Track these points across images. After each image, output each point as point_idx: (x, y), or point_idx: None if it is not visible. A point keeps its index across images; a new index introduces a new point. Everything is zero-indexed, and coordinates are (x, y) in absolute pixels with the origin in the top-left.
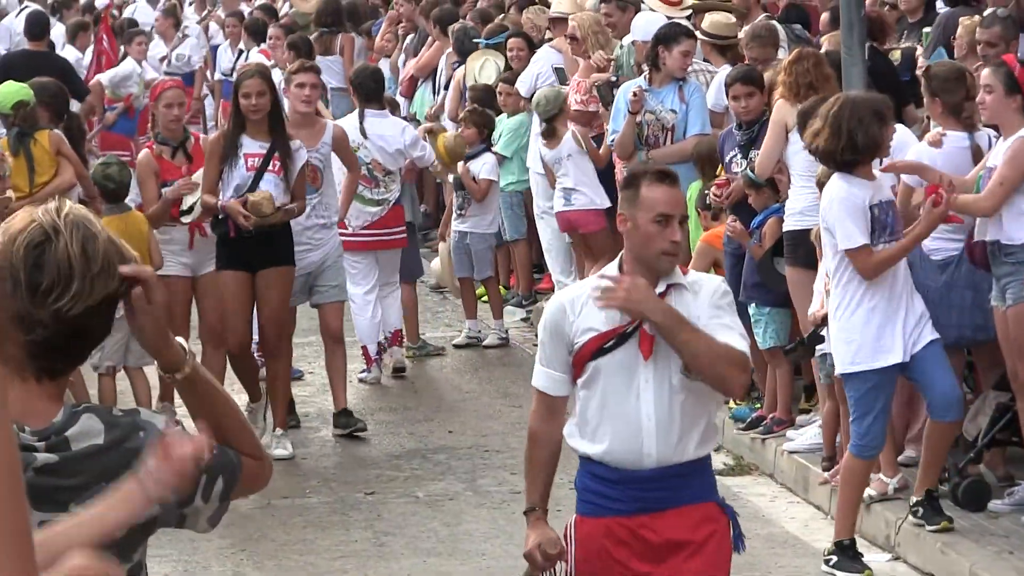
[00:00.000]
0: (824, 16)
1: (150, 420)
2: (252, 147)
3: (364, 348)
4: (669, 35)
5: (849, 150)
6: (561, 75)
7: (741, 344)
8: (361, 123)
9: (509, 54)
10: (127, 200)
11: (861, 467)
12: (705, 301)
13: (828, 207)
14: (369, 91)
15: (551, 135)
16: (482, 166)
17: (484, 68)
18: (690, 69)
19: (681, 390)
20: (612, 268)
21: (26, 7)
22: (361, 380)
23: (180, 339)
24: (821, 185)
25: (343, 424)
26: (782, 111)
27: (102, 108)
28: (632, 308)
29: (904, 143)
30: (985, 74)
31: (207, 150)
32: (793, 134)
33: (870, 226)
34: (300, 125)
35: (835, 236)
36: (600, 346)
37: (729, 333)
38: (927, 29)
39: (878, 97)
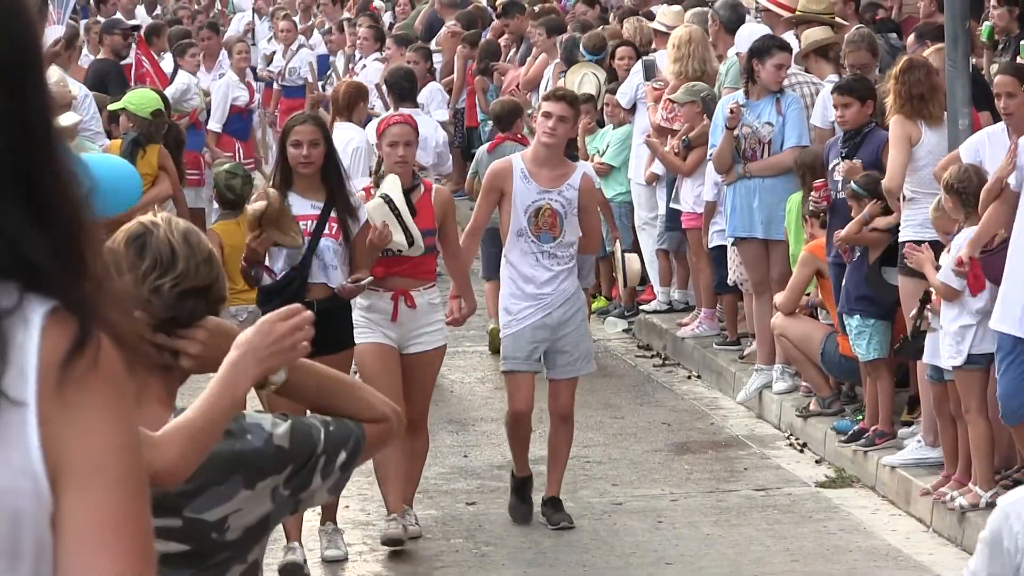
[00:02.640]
0: (910, 38)
1: (257, 423)
2: (303, 207)
3: None
4: (763, 48)
5: None
6: (650, 70)
7: None
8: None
9: (620, 63)
10: None
11: None
12: None
13: None
14: (403, 91)
15: None
16: None
17: (583, 82)
18: (790, 82)
19: None
20: None
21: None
22: None
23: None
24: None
25: (554, 520)
26: (903, 127)
27: None
28: None
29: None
30: None
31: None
32: (917, 148)
33: None
34: (542, 163)
35: None
36: None
37: None
38: None
39: None
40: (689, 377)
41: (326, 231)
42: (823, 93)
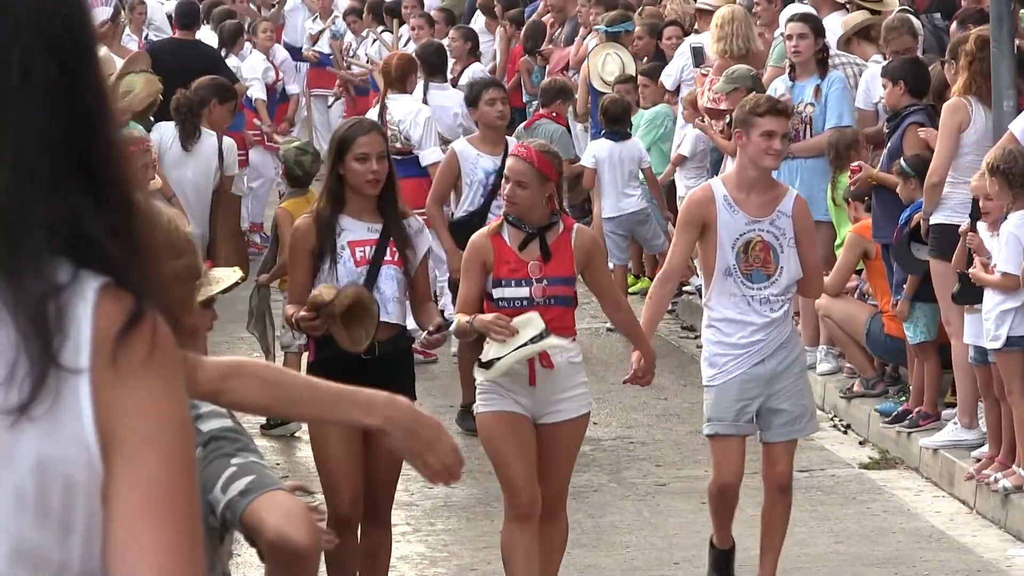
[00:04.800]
0: (953, 25)
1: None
2: (358, 232)
3: None
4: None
5: None
6: (699, 55)
7: None
8: (425, 94)
9: (667, 42)
10: None
11: None
12: None
13: None
14: (434, 65)
15: None
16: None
17: (606, 63)
18: (834, 63)
19: None
20: None
21: None
22: None
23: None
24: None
25: None
26: (955, 116)
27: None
28: None
29: None
30: None
31: (290, 240)
32: (963, 136)
33: None
34: (750, 187)
35: None
36: None
37: None
38: None
39: None
40: None
41: (387, 257)
42: (867, 74)
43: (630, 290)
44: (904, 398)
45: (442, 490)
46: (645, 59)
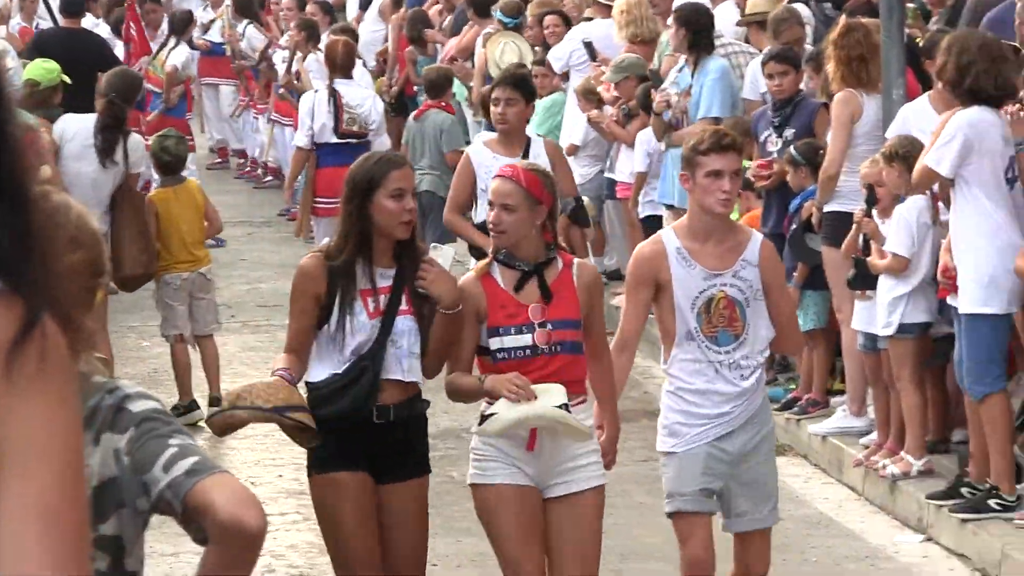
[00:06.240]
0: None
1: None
2: (372, 279)
3: None
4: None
5: None
6: (591, 49)
7: None
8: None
9: (545, 31)
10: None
11: None
12: None
13: None
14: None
15: None
16: None
17: (504, 52)
18: (726, 51)
19: None
20: None
21: None
22: None
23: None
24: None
25: None
26: (847, 107)
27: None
28: None
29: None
30: None
31: (294, 281)
32: (857, 127)
33: None
34: (707, 236)
35: None
36: None
37: None
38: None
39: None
40: None
41: (403, 307)
42: (753, 64)
43: None
44: (793, 386)
45: None
46: (537, 48)
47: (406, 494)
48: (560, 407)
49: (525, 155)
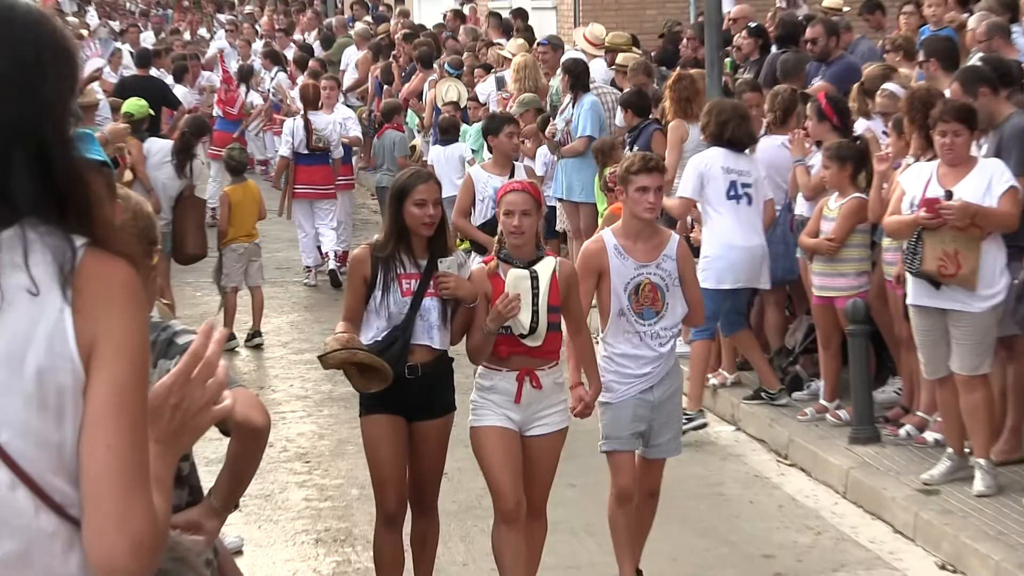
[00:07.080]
0: (677, 69)
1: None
2: (407, 266)
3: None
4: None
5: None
6: (500, 82)
7: None
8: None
9: (477, 77)
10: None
11: None
12: None
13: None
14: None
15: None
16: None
17: (448, 91)
18: (598, 92)
19: None
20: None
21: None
22: None
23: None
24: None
25: None
26: (678, 131)
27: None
28: None
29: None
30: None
31: (348, 266)
32: (686, 145)
33: None
34: (636, 236)
35: None
36: None
37: None
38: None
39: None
40: None
41: (429, 290)
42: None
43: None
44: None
45: (328, 386)
46: (470, 89)
47: (431, 429)
48: (539, 275)
49: (511, 175)
